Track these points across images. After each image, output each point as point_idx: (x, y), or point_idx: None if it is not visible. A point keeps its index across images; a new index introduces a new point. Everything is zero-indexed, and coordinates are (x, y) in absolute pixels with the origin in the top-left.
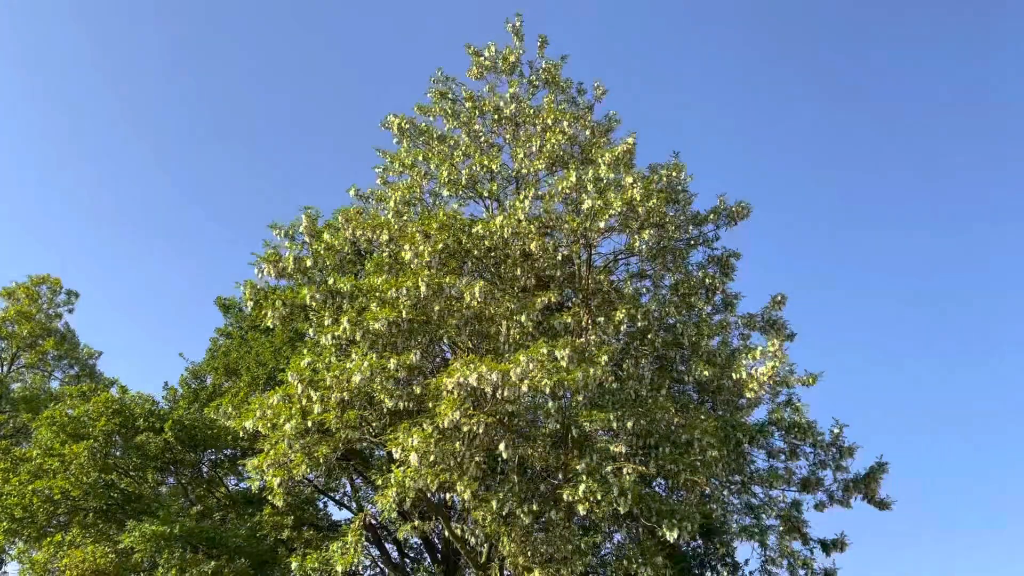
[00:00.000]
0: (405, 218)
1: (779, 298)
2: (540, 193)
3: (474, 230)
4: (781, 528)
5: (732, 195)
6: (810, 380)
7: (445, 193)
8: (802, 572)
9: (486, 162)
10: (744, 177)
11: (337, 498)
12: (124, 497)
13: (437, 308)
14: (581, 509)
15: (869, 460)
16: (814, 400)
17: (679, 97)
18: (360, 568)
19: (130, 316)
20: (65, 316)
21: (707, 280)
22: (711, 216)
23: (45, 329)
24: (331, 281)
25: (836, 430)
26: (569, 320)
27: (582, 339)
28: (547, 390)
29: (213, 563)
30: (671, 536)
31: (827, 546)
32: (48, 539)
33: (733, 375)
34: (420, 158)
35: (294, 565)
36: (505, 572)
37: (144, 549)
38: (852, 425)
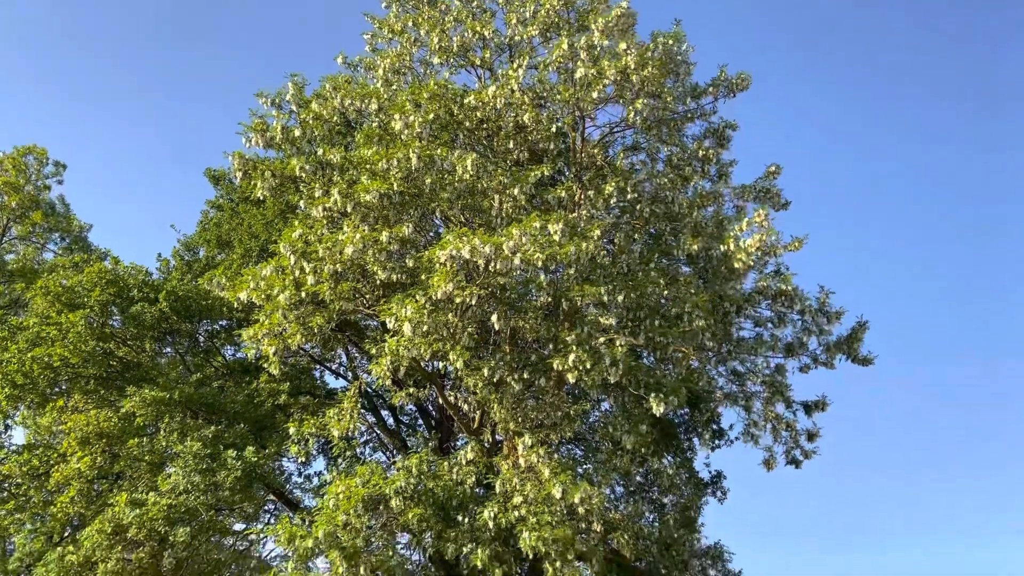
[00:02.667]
0: (395, 87)
1: (773, 168)
2: (534, 62)
3: (466, 101)
4: (765, 394)
5: (734, 66)
6: (796, 245)
7: (436, 61)
8: (785, 434)
9: (478, 28)
10: (747, 46)
11: (333, 368)
12: (123, 365)
13: (429, 181)
14: (571, 377)
15: (852, 322)
16: (804, 268)
17: None
18: (356, 433)
19: (119, 189)
20: (54, 188)
21: (702, 152)
22: (710, 88)
23: (35, 200)
24: (320, 152)
25: (822, 297)
26: (562, 194)
27: (575, 214)
28: (539, 264)
29: (213, 427)
30: (658, 410)
31: (809, 408)
32: (51, 404)
33: (721, 247)
34: (410, 24)
35: (292, 430)
36: (497, 437)
37: (145, 414)
38: (841, 292)
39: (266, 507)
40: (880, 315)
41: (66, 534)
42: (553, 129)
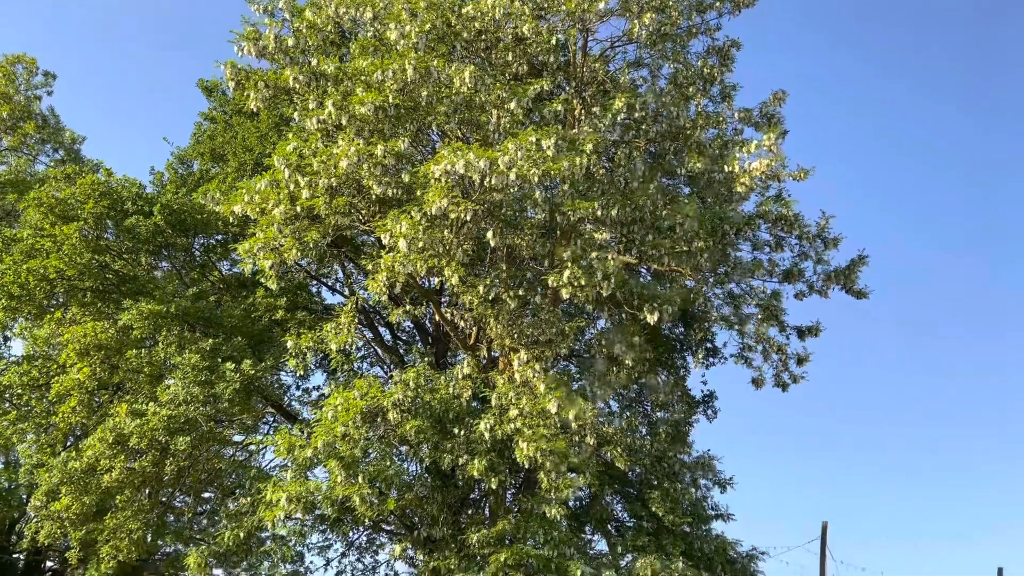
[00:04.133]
0: None
1: (779, 94)
2: None
3: (464, 10)
4: (760, 316)
5: None
6: (801, 175)
7: None
8: (776, 356)
9: None
10: None
11: (329, 284)
12: (119, 278)
13: (425, 94)
14: (565, 293)
15: (851, 255)
16: (803, 197)
17: None
18: (353, 348)
19: (110, 101)
20: (44, 99)
21: (705, 70)
22: (716, 3)
23: (25, 111)
24: (314, 63)
25: (822, 222)
26: (560, 108)
27: (574, 130)
28: (535, 179)
29: (211, 340)
30: (651, 318)
31: (802, 332)
32: (48, 316)
33: (725, 168)
34: None
35: (289, 343)
36: (492, 353)
37: (143, 326)
38: (839, 219)
39: (265, 419)
40: (874, 252)
41: (68, 444)
42: (553, 42)
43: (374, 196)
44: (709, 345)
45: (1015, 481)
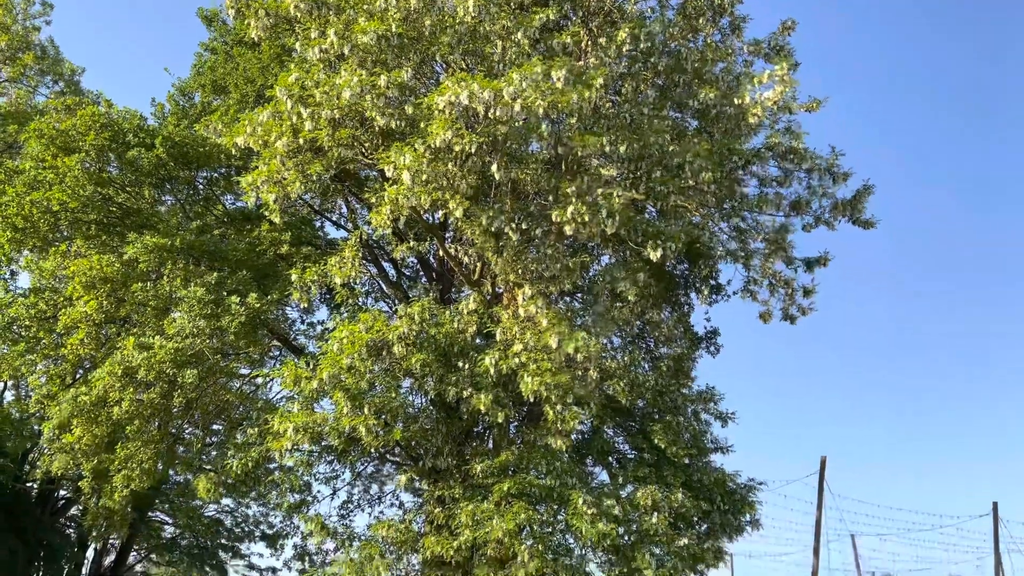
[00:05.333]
0: None
1: (788, 23)
2: None
3: None
4: (766, 251)
5: None
6: (814, 105)
7: None
8: (782, 290)
9: None
10: None
11: (333, 219)
12: (122, 212)
13: (429, 23)
14: (568, 229)
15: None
16: (812, 130)
17: None
18: (358, 282)
19: (108, 32)
20: (44, 29)
21: (716, 1)
22: None
23: (24, 42)
24: None
25: (832, 157)
26: (568, 40)
27: (581, 62)
28: (540, 111)
29: (216, 274)
30: (655, 255)
31: (810, 263)
32: (53, 249)
33: (736, 100)
34: None
35: (294, 277)
36: (496, 289)
37: (148, 260)
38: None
39: (271, 353)
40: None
41: (77, 376)
42: None
43: (377, 128)
44: (714, 282)
45: (1012, 419)
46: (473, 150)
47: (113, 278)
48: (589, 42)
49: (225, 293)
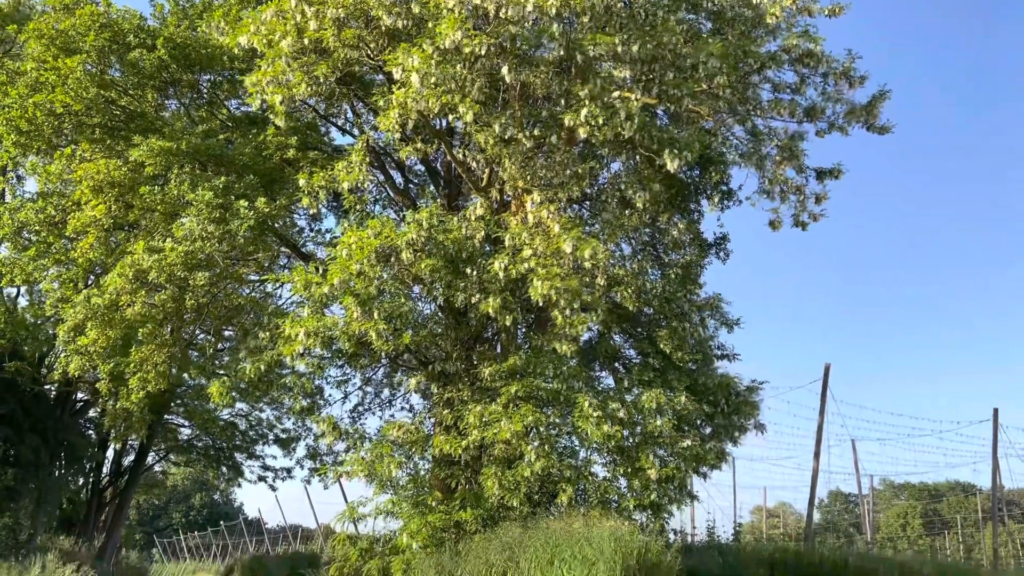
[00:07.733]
0: None
1: None
2: None
3: None
4: (778, 158)
5: None
6: (837, 10)
7: None
8: (793, 197)
9: None
10: None
11: (339, 124)
12: (126, 115)
13: None
14: (582, 132)
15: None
16: (830, 39)
17: None
18: (365, 188)
19: None
20: None
21: None
22: None
23: None
24: None
25: (848, 61)
26: None
27: None
28: (552, 11)
29: (223, 178)
30: (672, 165)
31: (822, 174)
32: (59, 153)
33: (754, 0)
34: None
35: (301, 182)
36: (505, 196)
37: (154, 163)
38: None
39: (280, 260)
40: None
41: (89, 281)
42: None
43: (383, 28)
44: (725, 188)
45: (1012, 327)
46: (483, 51)
47: (121, 182)
48: None
49: (233, 197)
